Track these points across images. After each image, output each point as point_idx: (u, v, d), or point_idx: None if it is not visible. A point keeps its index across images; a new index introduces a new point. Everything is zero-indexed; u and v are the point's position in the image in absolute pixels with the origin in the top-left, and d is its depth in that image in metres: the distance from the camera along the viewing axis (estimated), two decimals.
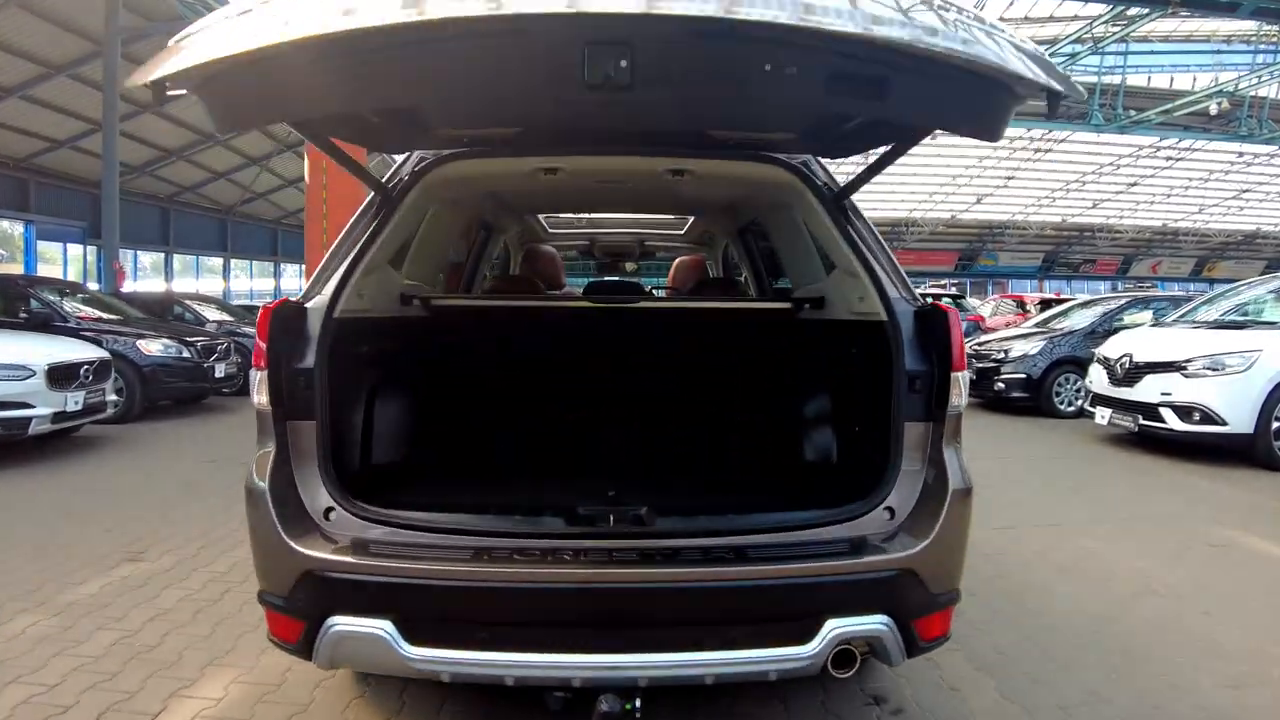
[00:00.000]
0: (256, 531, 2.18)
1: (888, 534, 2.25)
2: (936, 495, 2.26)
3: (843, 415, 3.11)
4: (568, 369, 4.04)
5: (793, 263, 3.88)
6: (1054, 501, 5.89)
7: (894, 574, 2.12)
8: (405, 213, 2.76)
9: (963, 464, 2.32)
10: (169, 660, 3.10)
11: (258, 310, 8.48)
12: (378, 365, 2.98)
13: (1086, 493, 6.18)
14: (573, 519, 2.23)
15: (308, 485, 2.26)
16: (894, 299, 2.48)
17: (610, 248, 6.86)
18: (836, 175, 3.05)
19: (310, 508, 2.24)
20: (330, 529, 2.21)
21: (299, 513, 2.22)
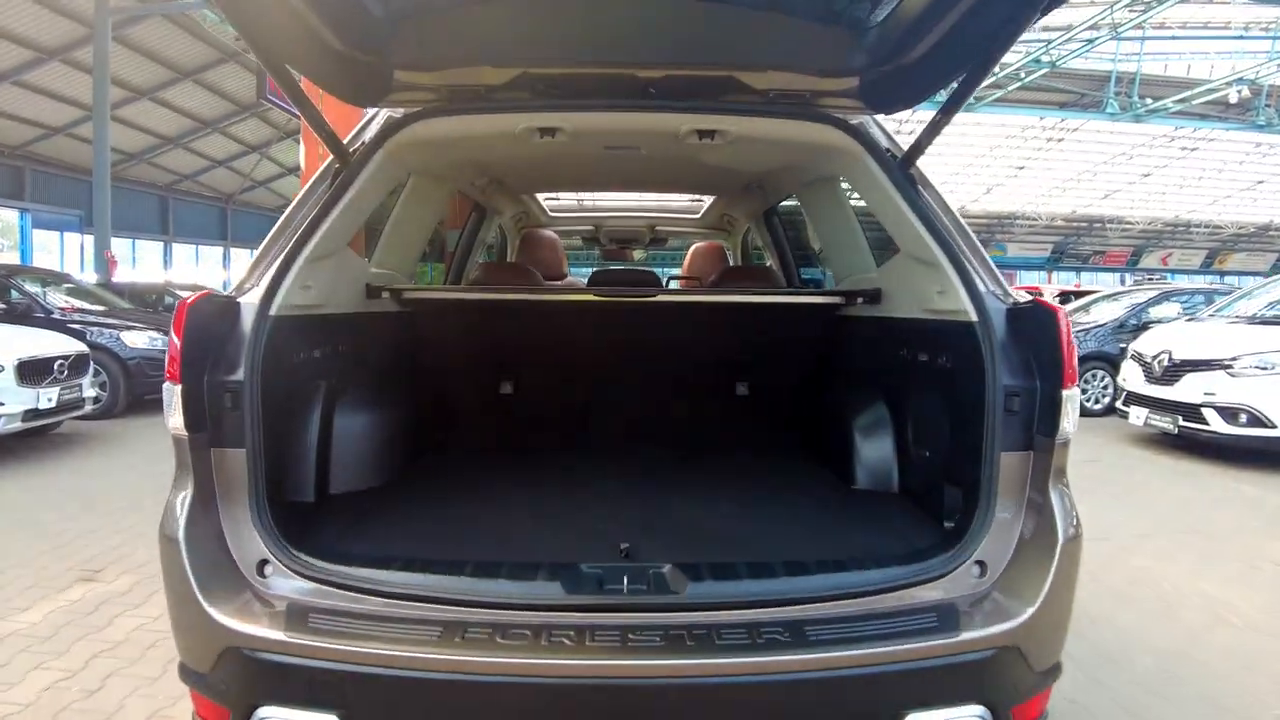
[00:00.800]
0: (170, 593, 1.73)
1: (977, 595, 1.78)
2: (1041, 546, 1.79)
3: (907, 436, 2.60)
4: (568, 380, 3.54)
5: (836, 250, 3.35)
6: (1097, 511, 5.44)
7: (993, 653, 1.65)
8: (369, 184, 2.28)
9: (1072, 504, 1.85)
10: (108, 710, 2.68)
11: None
12: (336, 372, 2.51)
13: (1130, 501, 5.74)
14: (575, 583, 1.73)
15: (237, 532, 1.79)
16: (984, 294, 1.99)
17: (618, 234, 6.18)
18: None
19: (240, 560, 1.78)
20: (264, 588, 1.75)
21: (224, 568, 1.76)
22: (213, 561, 1.74)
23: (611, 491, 2.64)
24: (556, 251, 4.85)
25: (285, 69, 1.91)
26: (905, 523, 2.31)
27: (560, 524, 2.32)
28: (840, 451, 2.82)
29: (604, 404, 3.57)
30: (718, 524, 2.34)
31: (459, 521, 2.33)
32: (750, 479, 2.86)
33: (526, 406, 3.55)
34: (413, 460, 2.95)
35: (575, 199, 5.89)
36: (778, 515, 2.46)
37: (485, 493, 2.66)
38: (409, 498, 2.54)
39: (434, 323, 3.29)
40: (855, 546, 2.11)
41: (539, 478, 2.85)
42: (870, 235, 3.02)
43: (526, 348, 3.48)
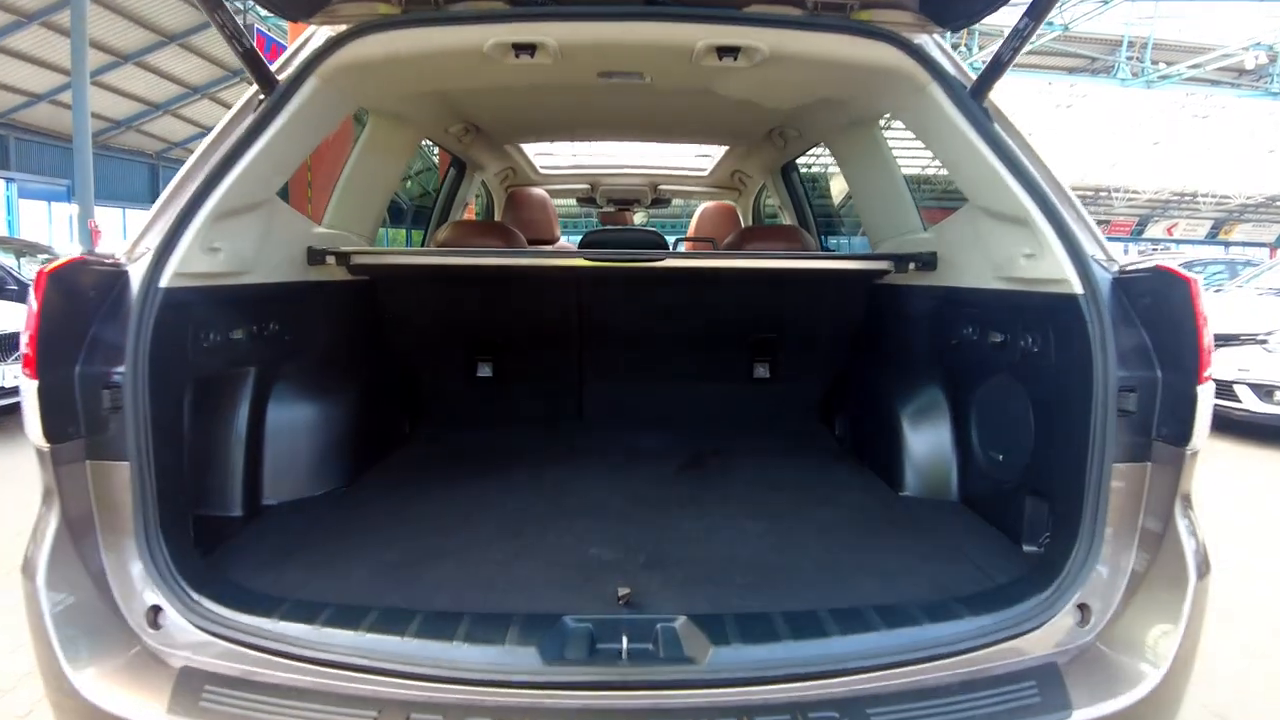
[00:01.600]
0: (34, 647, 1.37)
1: (1078, 650, 1.42)
2: (1165, 586, 1.43)
3: (972, 432, 2.20)
4: (557, 362, 3.07)
5: (875, 207, 2.92)
6: None
7: None
8: (300, 118, 1.84)
9: (1200, 533, 1.49)
10: None
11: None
12: (263, 358, 2.09)
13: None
14: (558, 647, 1.33)
15: (119, 570, 1.41)
16: (1089, 259, 1.60)
17: (616, 193, 5.58)
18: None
19: (125, 606, 1.40)
20: (155, 643, 1.38)
21: (102, 620, 1.38)
22: (86, 612, 1.37)
23: (608, 504, 2.23)
24: (546, 211, 4.40)
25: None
26: (973, 543, 1.93)
27: (543, 551, 1.89)
28: (885, 448, 2.42)
29: (600, 390, 3.15)
30: (739, 549, 1.92)
31: (411, 547, 1.90)
32: (776, 486, 2.44)
33: (508, 394, 3.12)
34: (369, 462, 2.53)
35: (569, 152, 5.30)
36: (813, 535, 2.03)
37: (452, 507, 2.22)
38: (357, 512, 2.13)
39: (396, 294, 2.84)
40: (917, 579, 1.72)
41: (519, 485, 2.41)
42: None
43: (508, 323, 3.03)
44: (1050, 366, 1.76)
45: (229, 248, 1.81)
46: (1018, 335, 1.92)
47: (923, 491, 2.27)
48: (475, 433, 2.98)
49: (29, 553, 1.39)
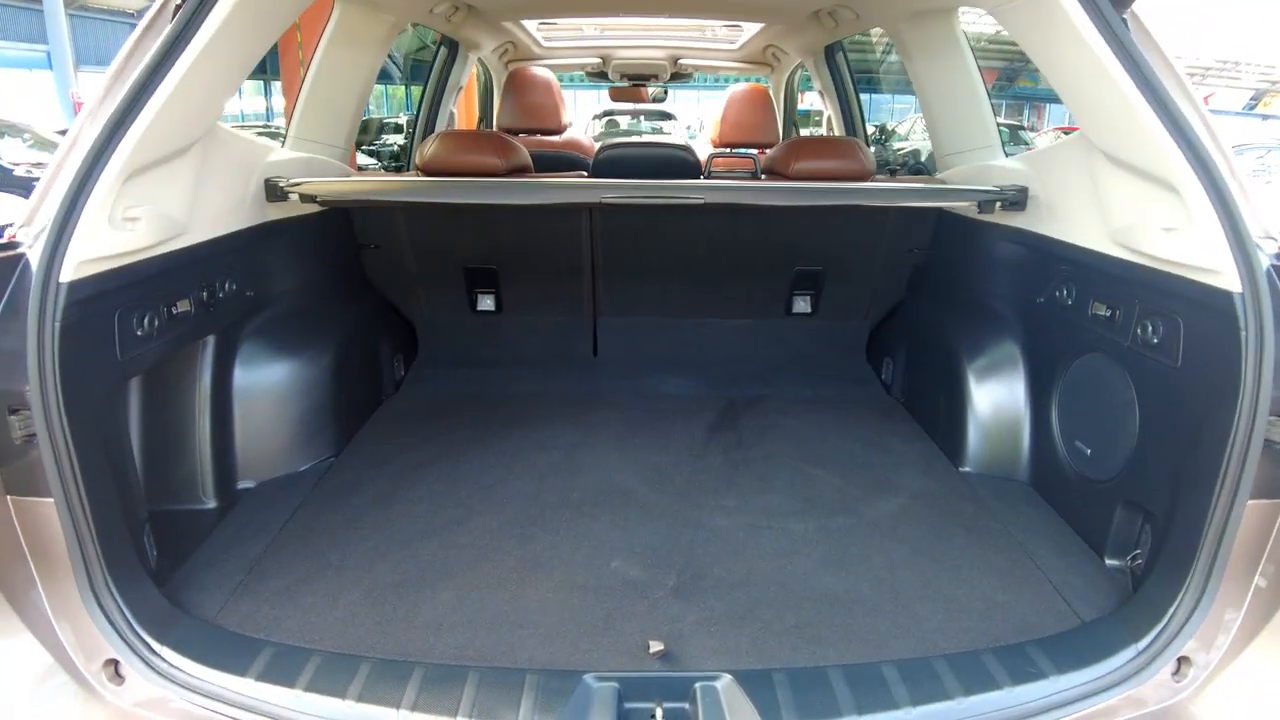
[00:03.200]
0: None
1: (1168, 708, 1.26)
2: (1276, 641, 1.28)
3: (1061, 423, 1.92)
4: (573, 301, 2.73)
5: (945, 119, 2.53)
6: None
7: None
8: (235, 21, 1.44)
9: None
10: None
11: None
12: (221, 323, 1.81)
13: None
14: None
15: (69, 622, 1.22)
16: (1254, 245, 1.28)
17: (630, 68, 4.87)
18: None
19: (80, 664, 1.22)
20: (119, 700, 1.22)
21: (54, 684, 1.23)
22: (36, 676, 1.22)
23: (629, 491, 1.98)
24: (552, 95, 3.84)
25: None
26: (1048, 550, 1.73)
27: (557, 567, 1.66)
28: (945, 408, 2.17)
29: (616, 327, 2.84)
30: (786, 566, 1.68)
31: (409, 557, 1.68)
32: (822, 461, 2.18)
33: (512, 330, 2.83)
34: (360, 420, 2.30)
35: (576, 21, 4.58)
36: (870, 542, 1.79)
37: (451, 490, 1.97)
38: (346, 498, 1.92)
39: (378, 221, 2.50)
40: (991, 608, 1.52)
41: (526, 460, 2.14)
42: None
43: (511, 249, 2.70)
44: (1175, 366, 1.50)
45: (151, 212, 1.48)
46: (1133, 315, 1.63)
47: (988, 468, 2.06)
48: (476, 375, 2.72)
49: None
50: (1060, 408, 1.94)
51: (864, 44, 10.11)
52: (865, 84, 3.67)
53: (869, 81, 14.11)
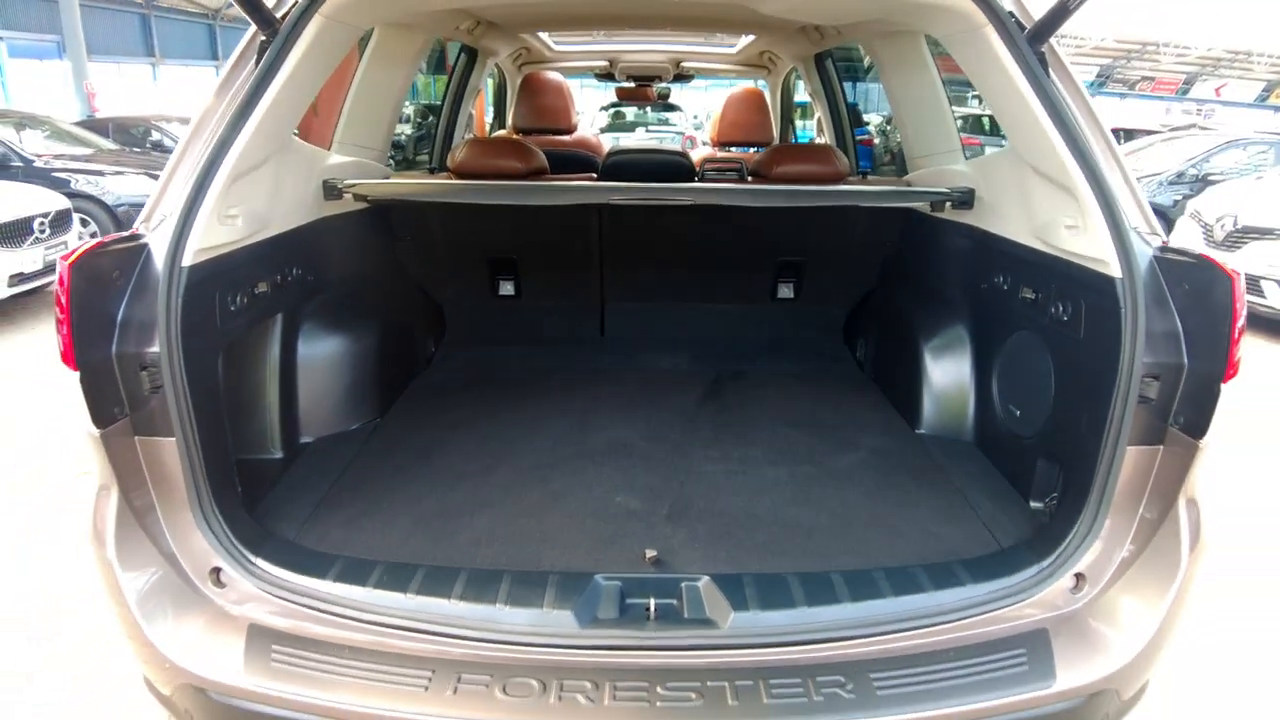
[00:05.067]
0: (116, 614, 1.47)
1: (1068, 614, 1.49)
2: (1156, 565, 1.47)
3: (993, 381, 2.20)
4: (584, 286, 3.06)
5: (913, 124, 2.80)
6: None
7: (1084, 700, 1.40)
8: (308, 59, 1.73)
9: (1200, 519, 1.51)
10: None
11: None
12: (288, 303, 2.08)
13: None
14: (591, 610, 1.41)
15: (181, 537, 1.49)
16: (1132, 237, 1.53)
17: (636, 70, 5.36)
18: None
19: (190, 570, 1.48)
20: (222, 600, 1.48)
21: (172, 585, 1.47)
22: (158, 579, 1.46)
23: (631, 445, 2.26)
24: (564, 97, 4.19)
25: None
26: (982, 494, 1.98)
27: (572, 501, 1.96)
28: (905, 380, 2.44)
29: (621, 310, 3.15)
30: (758, 501, 1.97)
31: (449, 494, 1.97)
32: (795, 423, 2.45)
33: (529, 312, 3.13)
34: (399, 388, 2.58)
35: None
36: (830, 485, 2.07)
37: (481, 444, 2.26)
38: (392, 451, 2.19)
39: (413, 219, 2.80)
40: (927, 536, 1.79)
41: (544, 422, 2.43)
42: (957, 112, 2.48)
43: (529, 243, 3.02)
44: (1077, 338, 1.74)
45: (245, 210, 1.76)
46: (1050, 298, 1.88)
47: (939, 430, 2.31)
48: (498, 352, 3.00)
49: (96, 524, 1.47)
50: (998, 377, 2.18)
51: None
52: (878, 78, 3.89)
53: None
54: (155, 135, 11.98)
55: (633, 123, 14.41)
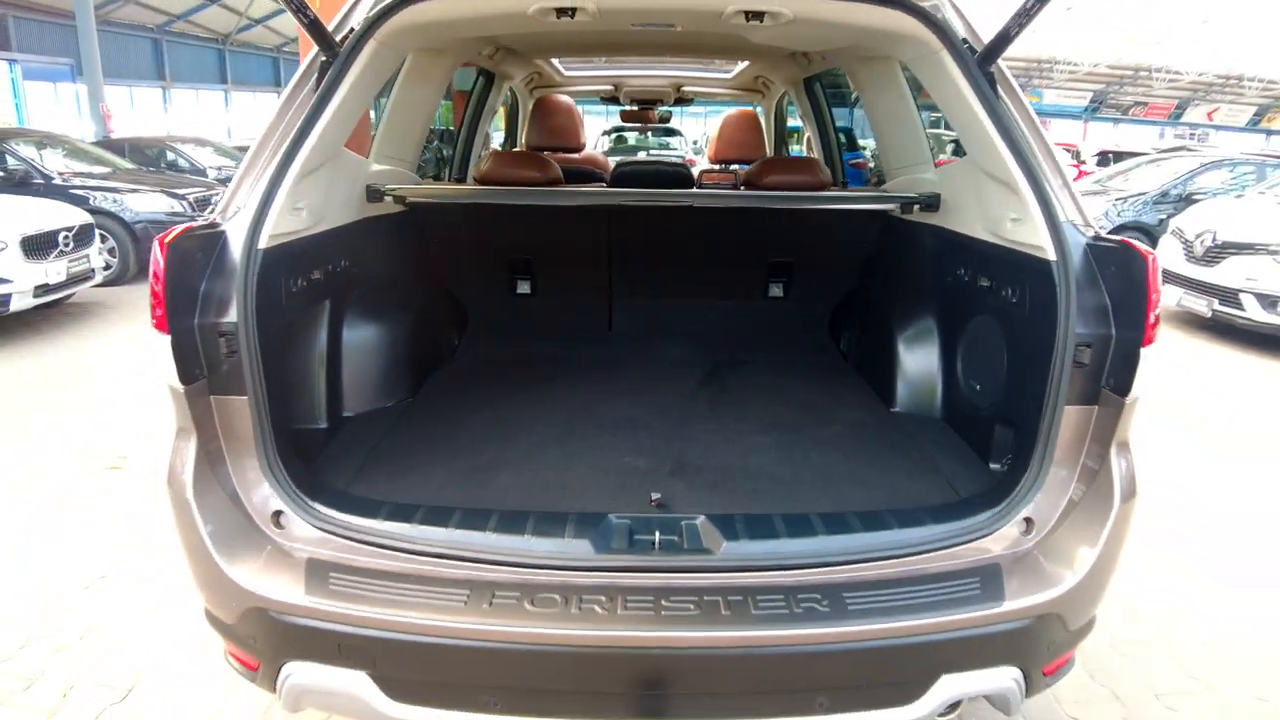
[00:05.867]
0: (187, 550, 1.68)
1: (1020, 553, 1.70)
2: (1095, 508, 1.69)
3: (956, 362, 2.46)
4: (595, 275, 3.35)
5: (889, 139, 3.07)
6: None
7: (1031, 622, 1.61)
8: (362, 78, 2.01)
9: (1131, 467, 1.73)
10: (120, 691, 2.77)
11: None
12: (340, 289, 2.34)
13: (1158, 388, 5.66)
14: (605, 540, 1.65)
15: (248, 483, 1.71)
16: (1064, 225, 1.77)
17: (639, 94, 5.81)
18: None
19: (254, 513, 1.70)
20: (283, 540, 1.69)
21: (239, 524, 1.68)
22: (226, 518, 1.67)
23: (639, 419, 2.51)
24: (573, 119, 4.51)
25: None
26: (947, 457, 2.22)
27: (588, 460, 2.21)
28: (882, 367, 2.70)
29: (627, 307, 3.42)
30: (749, 460, 2.23)
31: (478, 455, 2.22)
32: (784, 402, 2.71)
33: (544, 309, 3.40)
34: (429, 372, 2.84)
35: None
36: (813, 445, 2.33)
37: (506, 414, 2.54)
38: (427, 421, 2.45)
39: (441, 222, 3.08)
40: (896, 490, 2.03)
41: (561, 393, 2.72)
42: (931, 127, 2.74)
43: (544, 244, 3.29)
44: (1024, 316, 1.97)
45: (308, 204, 2.02)
46: (1001, 284, 2.13)
47: (911, 409, 2.56)
48: (516, 345, 3.25)
49: (173, 470, 1.67)
50: (961, 358, 2.43)
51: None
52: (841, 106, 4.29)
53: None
54: (170, 155, 12.31)
55: (634, 146, 14.79)
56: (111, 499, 3.59)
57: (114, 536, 3.27)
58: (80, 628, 2.67)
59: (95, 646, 2.58)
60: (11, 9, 20.67)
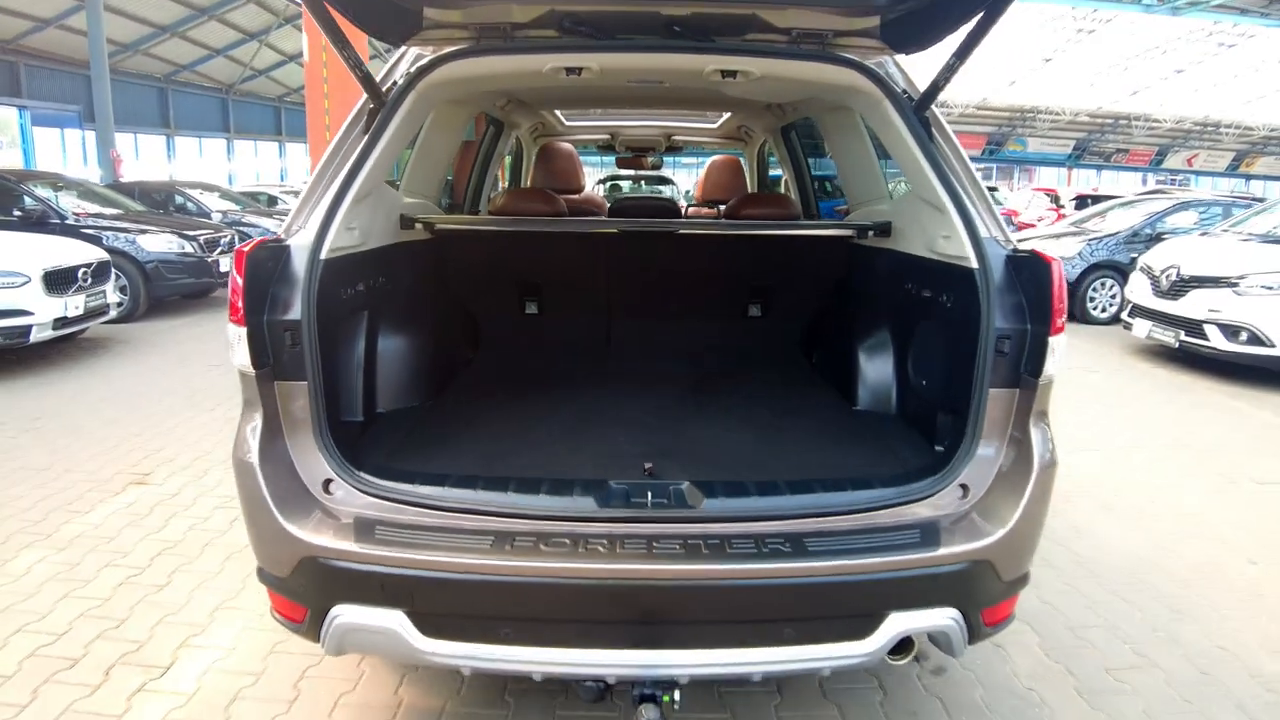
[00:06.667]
0: (249, 510, 1.95)
1: (959, 515, 1.99)
2: (1019, 474, 1.98)
3: (907, 364, 2.79)
4: (594, 297, 3.74)
5: (853, 176, 3.46)
6: (1092, 421, 5.67)
7: (967, 566, 1.88)
8: (403, 123, 2.36)
9: (1050, 437, 2.03)
10: (178, 603, 3.00)
11: (263, 198, 8.24)
12: (378, 302, 2.67)
13: (1125, 413, 5.95)
14: (605, 498, 1.95)
15: (303, 455, 2.00)
16: (986, 240, 2.12)
17: (634, 142, 6.39)
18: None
19: (307, 480, 1.98)
20: (331, 504, 1.97)
21: (295, 488, 1.96)
22: (285, 483, 1.94)
23: (636, 418, 2.82)
24: (574, 164, 4.92)
25: (323, 7, 1.95)
26: (900, 444, 2.52)
27: (593, 445, 2.52)
28: (846, 373, 3.03)
29: (624, 324, 3.77)
30: (730, 443, 2.56)
31: (497, 440, 2.55)
32: (761, 398, 3.06)
33: (550, 326, 3.74)
34: (448, 379, 3.16)
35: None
36: (784, 435, 2.66)
37: (519, 412, 2.87)
38: (450, 416, 2.77)
39: (461, 249, 3.44)
40: (853, 466, 2.34)
41: (566, 396, 3.05)
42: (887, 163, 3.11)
43: (549, 270, 3.64)
44: (956, 317, 2.29)
45: (359, 225, 2.37)
46: (938, 292, 2.47)
47: (871, 406, 2.90)
48: (525, 358, 3.61)
49: (241, 441, 1.96)
50: (911, 360, 2.75)
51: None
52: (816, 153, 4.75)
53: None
54: (179, 199, 12.71)
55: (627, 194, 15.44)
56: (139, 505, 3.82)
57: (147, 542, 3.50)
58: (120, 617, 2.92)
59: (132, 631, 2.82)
60: (24, 57, 21.33)
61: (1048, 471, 1.97)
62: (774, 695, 2.54)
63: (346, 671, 2.60)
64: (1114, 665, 2.76)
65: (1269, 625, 3.05)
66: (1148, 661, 2.79)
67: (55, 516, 3.71)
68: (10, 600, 2.98)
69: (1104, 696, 2.59)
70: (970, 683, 2.63)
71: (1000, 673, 2.69)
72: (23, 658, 2.64)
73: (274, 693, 2.50)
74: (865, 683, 2.61)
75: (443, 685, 2.55)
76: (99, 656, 2.65)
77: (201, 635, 2.80)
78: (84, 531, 3.57)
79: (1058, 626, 2.97)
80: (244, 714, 2.41)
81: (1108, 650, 2.85)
